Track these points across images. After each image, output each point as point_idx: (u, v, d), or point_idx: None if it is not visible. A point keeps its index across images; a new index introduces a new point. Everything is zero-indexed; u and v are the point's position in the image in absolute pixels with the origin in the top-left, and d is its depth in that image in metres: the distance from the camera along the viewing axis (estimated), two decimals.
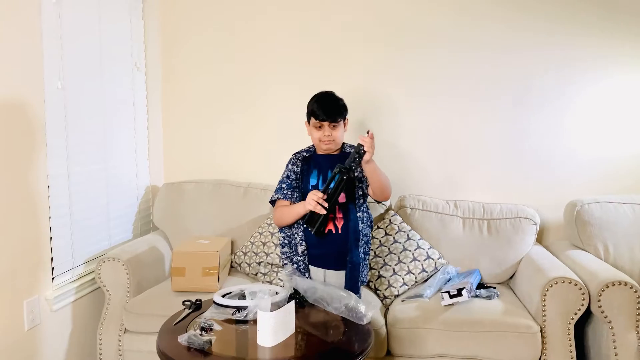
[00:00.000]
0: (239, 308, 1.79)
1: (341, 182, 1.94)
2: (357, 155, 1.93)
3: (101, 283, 2.37)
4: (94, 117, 2.50)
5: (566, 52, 2.70)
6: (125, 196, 2.79)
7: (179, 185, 2.90)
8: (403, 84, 2.84)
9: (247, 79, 2.97)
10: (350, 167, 1.94)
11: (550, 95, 2.73)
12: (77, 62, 2.35)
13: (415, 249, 2.54)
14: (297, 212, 2.06)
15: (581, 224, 2.50)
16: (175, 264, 2.37)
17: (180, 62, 3.02)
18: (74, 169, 2.35)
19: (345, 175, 1.93)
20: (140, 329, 2.28)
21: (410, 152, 2.86)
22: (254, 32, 2.94)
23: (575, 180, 2.74)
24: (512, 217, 2.61)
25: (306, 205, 1.99)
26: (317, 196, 1.94)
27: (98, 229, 2.55)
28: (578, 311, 2.10)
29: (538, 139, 2.77)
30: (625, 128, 2.70)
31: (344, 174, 1.93)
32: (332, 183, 1.96)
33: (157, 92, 3.03)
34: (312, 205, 1.95)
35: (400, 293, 2.46)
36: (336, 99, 2.11)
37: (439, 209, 2.68)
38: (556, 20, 2.69)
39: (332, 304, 1.82)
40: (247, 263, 2.65)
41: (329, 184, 1.96)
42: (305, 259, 2.08)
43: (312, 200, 1.95)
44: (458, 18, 2.76)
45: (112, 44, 2.61)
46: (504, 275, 2.57)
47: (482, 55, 2.76)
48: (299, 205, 2.05)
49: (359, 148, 1.93)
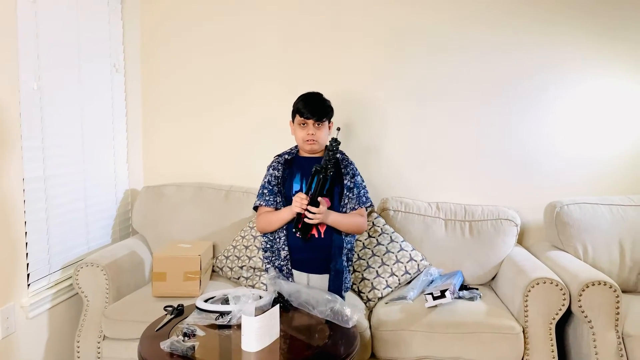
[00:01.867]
0: (222, 313, 1.76)
1: (319, 182, 1.93)
2: (331, 152, 1.93)
3: (79, 289, 2.31)
4: (71, 119, 2.45)
5: (547, 55, 2.74)
6: (104, 200, 2.73)
7: (159, 189, 2.85)
8: (386, 86, 2.84)
9: (229, 81, 2.94)
10: (326, 165, 1.93)
11: (531, 98, 2.77)
12: (54, 62, 2.29)
13: (398, 251, 2.54)
14: (283, 218, 2.04)
15: (561, 225, 2.53)
16: (156, 268, 2.32)
17: (160, 64, 2.98)
18: (50, 172, 2.29)
19: (322, 174, 1.93)
20: (119, 335, 2.23)
21: (392, 154, 2.86)
22: (237, 33, 2.91)
23: (556, 181, 2.78)
24: (494, 218, 2.63)
25: (293, 209, 1.97)
26: (302, 198, 1.94)
27: (76, 233, 2.49)
28: (559, 311, 2.12)
29: (519, 141, 2.80)
30: (605, 130, 2.75)
31: (320, 173, 1.93)
32: (312, 185, 1.95)
33: (136, 93, 2.97)
34: (298, 208, 1.94)
35: (383, 295, 2.46)
36: (323, 99, 2.11)
37: (422, 211, 2.69)
38: (538, 22, 2.73)
39: (317, 307, 1.80)
40: (229, 267, 2.61)
41: (310, 187, 1.96)
42: (288, 263, 2.06)
43: (298, 204, 1.94)
44: (442, 21, 2.78)
45: (90, 45, 2.55)
46: (486, 277, 2.59)
47: (464, 58, 2.79)
48: (285, 211, 2.03)
49: (332, 145, 1.93)
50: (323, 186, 1.95)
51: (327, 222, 1.99)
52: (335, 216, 2.01)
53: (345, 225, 2.05)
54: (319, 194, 1.94)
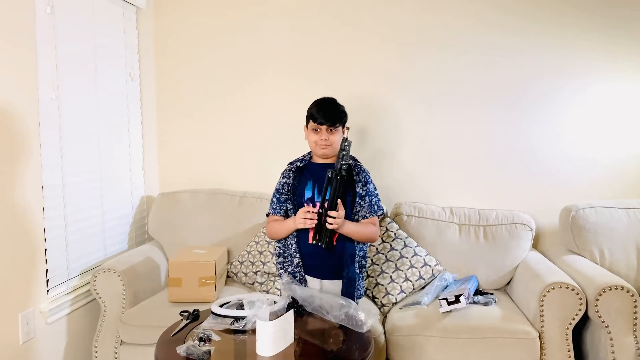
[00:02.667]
0: (237, 318, 1.77)
1: (335, 186, 1.92)
2: (344, 152, 1.92)
3: (97, 294, 2.35)
4: (88, 128, 2.49)
5: (560, 57, 2.73)
6: (120, 206, 2.77)
7: (174, 195, 2.88)
8: (399, 90, 2.85)
9: (243, 88, 2.97)
10: (340, 167, 1.92)
11: (545, 100, 2.76)
12: (71, 72, 2.34)
13: (412, 256, 2.54)
14: (287, 228, 2.05)
15: (576, 229, 2.51)
16: (171, 274, 2.35)
17: (175, 72, 3.02)
18: (68, 180, 2.33)
19: (338, 176, 1.92)
20: (136, 340, 2.26)
21: (405, 158, 2.87)
22: (250, 40, 2.94)
23: (570, 185, 2.76)
24: (508, 223, 2.62)
25: (297, 224, 1.97)
26: (305, 211, 1.93)
27: (93, 239, 2.53)
28: (576, 316, 2.11)
29: (533, 144, 2.79)
30: (619, 132, 2.73)
31: (335, 176, 1.92)
32: (328, 191, 1.94)
33: (151, 101, 3.02)
34: (302, 224, 1.94)
35: (397, 301, 2.45)
36: (337, 104, 2.11)
37: (435, 216, 2.69)
38: (551, 24, 2.72)
39: (331, 312, 1.80)
40: (244, 272, 2.63)
41: (325, 193, 1.94)
42: (301, 270, 2.07)
43: (301, 218, 1.93)
44: (456, 23, 2.78)
45: (106, 54, 2.60)
46: (501, 281, 2.58)
47: (478, 61, 2.79)
48: (289, 221, 2.04)
49: (343, 145, 1.93)
50: (339, 189, 1.93)
51: (342, 231, 1.98)
52: (349, 225, 2.00)
53: (359, 235, 2.05)
54: (337, 197, 1.93)
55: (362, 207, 2.09)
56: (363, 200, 2.09)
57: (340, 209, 1.92)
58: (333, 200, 1.91)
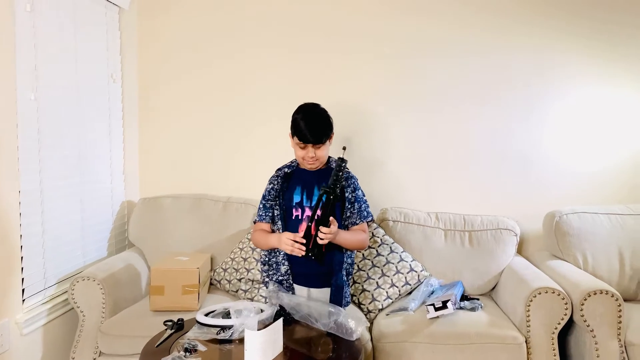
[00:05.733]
0: (224, 327, 1.73)
1: (328, 203, 1.87)
2: (340, 172, 1.89)
3: (75, 304, 2.27)
4: (68, 130, 2.42)
5: (546, 61, 2.75)
6: (100, 212, 2.69)
7: (156, 201, 2.82)
8: (385, 97, 2.84)
9: (227, 91, 2.93)
10: (335, 185, 1.88)
11: (530, 107, 2.78)
12: (51, 73, 2.27)
13: (398, 262, 2.53)
14: (270, 244, 2.02)
15: (560, 235, 2.53)
16: (153, 282, 2.29)
17: (158, 74, 2.96)
18: (47, 184, 2.26)
19: (332, 195, 1.87)
20: (116, 351, 2.19)
21: (391, 165, 2.86)
22: (236, 43, 2.90)
23: (554, 191, 2.78)
24: (493, 228, 2.63)
25: (281, 247, 1.92)
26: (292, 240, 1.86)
27: (72, 246, 2.46)
28: (561, 321, 2.12)
29: (517, 151, 2.81)
30: (604, 139, 2.76)
31: (329, 194, 1.87)
32: (320, 205, 1.88)
33: (133, 104, 2.95)
34: (288, 250, 1.88)
35: (384, 307, 2.43)
36: (322, 117, 2.02)
37: (421, 221, 2.68)
38: (540, 29, 2.74)
39: (320, 320, 1.78)
40: (228, 280, 2.58)
41: (317, 206, 1.89)
42: (289, 278, 2.04)
43: (288, 246, 1.87)
44: (440, 29, 2.79)
45: (88, 55, 2.54)
46: (486, 287, 2.58)
47: (462, 69, 2.79)
48: (273, 238, 1.99)
49: (340, 165, 1.89)
50: (332, 206, 1.89)
51: (335, 241, 1.95)
52: (343, 234, 1.97)
53: (351, 242, 2.03)
54: (329, 215, 1.88)
55: (351, 213, 2.08)
56: (352, 207, 2.07)
57: (332, 226, 1.87)
58: (325, 218, 1.87)
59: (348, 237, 2.01)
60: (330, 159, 2.13)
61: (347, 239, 2.01)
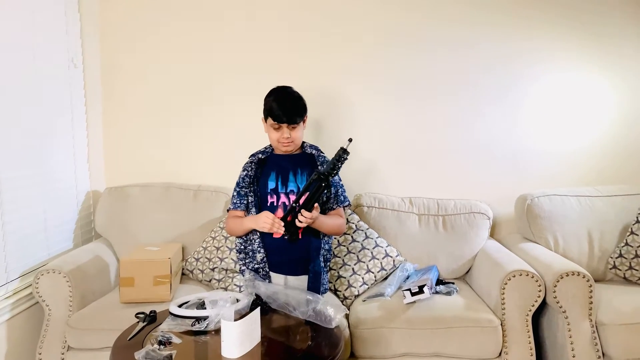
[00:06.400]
0: (199, 318, 1.67)
1: (319, 189, 1.82)
2: (339, 163, 1.83)
3: (39, 298, 2.17)
4: (26, 117, 2.29)
5: (514, 48, 2.77)
6: (64, 203, 2.58)
7: (123, 190, 2.72)
8: (358, 81, 2.80)
9: (195, 75, 2.83)
10: (329, 174, 1.83)
11: (501, 91, 2.79)
12: (5, 57, 2.14)
13: (373, 247, 2.51)
14: (246, 228, 1.98)
15: (532, 217, 2.56)
16: (123, 273, 2.21)
17: (122, 58, 2.84)
18: (4, 175, 2.14)
19: (324, 183, 1.82)
20: (85, 345, 2.12)
21: (364, 150, 2.82)
22: (204, 28, 2.80)
23: (526, 174, 2.81)
24: (466, 212, 2.64)
25: (258, 227, 1.89)
26: (270, 218, 1.84)
27: (35, 239, 2.35)
28: (535, 302, 2.14)
29: (489, 135, 2.82)
30: (573, 122, 2.80)
31: (322, 181, 1.82)
32: (309, 188, 1.84)
33: (96, 89, 2.82)
34: (267, 228, 1.85)
35: (360, 293, 2.42)
36: (296, 97, 2.01)
37: (395, 207, 2.67)
38: (505, 15, 2.74)
39: (298, 308, 1.74)
40: (200, 269, 2.52)
41: (306, 189, 1.85)
42: (266, 266, 1.99)
43: (267, 224, 1.84)
44: (409, 15, 2.77)
45: (45, 39, 2.40)
46: (461, 270, 2.60)
47: (433, 54, 2.78)
48: (250, 221, 1.95)
49: (341, 156, 1.83)
50: (321, 194, 1.85)
51: (313, 225, 1.91)
52: (321, 219, 1.94)
53: (329, 227, 2.00)
54: (315, 201, 1.85)
55: (328, 198, 2.04)
56: (329, 191, 2.04)
57: (314, 211, 1.84)
58: (311, 203, 1.83)
59: (326, 221, 1.98)
60: (304, 144, 2.09)
61: (325, 223, 1.98)
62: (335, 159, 1.83)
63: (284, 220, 1.86)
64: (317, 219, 1.90)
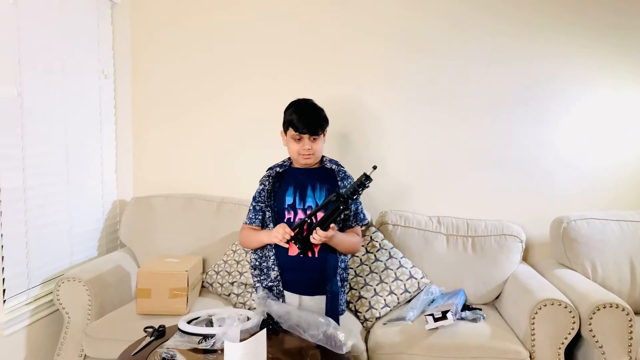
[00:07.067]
0: (206, 336, 1.63)
1: (336, 211, 1.76)
2: (360, 189, 1.76)
3: (60, 305, 2.20)
4: (55, 127, 2.34)
5: (553, 64, 2.63)
6: (90, 211, 2.61)
7: (148, 200, 2.73)
8: (385, 95, 2.73)
9: (223, 89, 2.83)
10: (349, 197, 1.76)
11: (538, 108, 2.65)
12: (36, 67, 2.19)
13: (397, 268, 2.42)
14: (260, 240, 1.94)
15: (568, 242, 2.41)
16: (140, 284, 2.20)
17: (152, 70, 2.87)
18: (31, 183, 2.17)
19: (343, 206, 1.75)
20: (101, 354, 2.11)
21: (391, 165, 2.74)
22: (232, 41, 2.80)
23: (562, 195, 2.66)
24: (498, 234, 2.51)
25: (272, 239, 1.85)
26: (285, 231, 1.79)
27: (58, 246, 2.37)
28: (568, 335, 2.00)
29: (524, 153, 2.68)
30: (613, 141, 2.64)
31: (341, 203, 1.75)
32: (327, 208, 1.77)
33: (126, 101, 2.86)
34: (278, 240, 1.81)
35: (381, 315, 2.32)
36: (317, 108, 1.97)
37: (422, 226, 2.57)
38: (549, 30, 2.62)
39: (308, 331, 1.67)
40: (220, 283, 2.49)
41: (323, 207, 1.79)
42: (279, 284, 1.93)
43: (280, 235, 1.80)
44: (449, 28, 2.67)
45: (77, 50, 2.45)
46: (490, 296, 2.46)
47: (468, 67, 2.68)
48: (263, 234, 1.92)
49: (363, 182, 1.75)
50: (338, 216, 1.79)
51: (330, 243, 1.85)
52: (338, 236, 1.87)
53: (346, 245, 1.93)
54: (332, 221, 1.78)
55: (347, 215, 1.97)
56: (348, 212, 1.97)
57: (330, 231, 1.78)
58: (327, 223, 1.77)
59: (343, 240, 1.92)
60: (324, 158, 2.03)
61: (343, 241, 1.91)
62: (357, 184, 1.76)
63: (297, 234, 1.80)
64: (335, 237, 1.83)
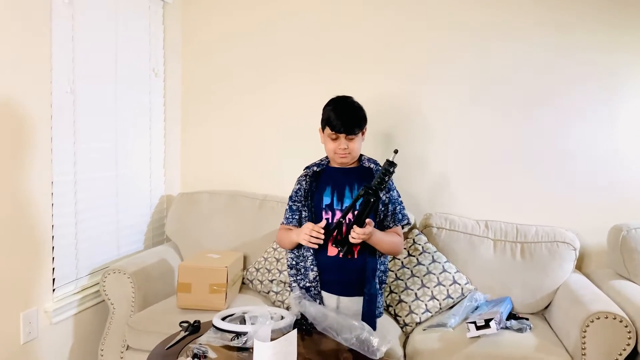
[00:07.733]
0: (239, 333, 1.63)
1: (367, 204, 1.73)
2: (386, 176, 1.73)
3: (105, 296, 2.27)
4: (106, 123, 2.42)
5: (611, 61, 2.46)
6: (138, 205, 2.69)
7: (193, 196, 2.79)
8: (431, 91, 2.64)
9: (269, 87, 2.85)
10: (377, 188, 1.73)
11: (597, 103, 2.49)
12: (89, 65, 2.27)
13: (440, 273, 2.34)
14: (292, 241, 1.91)
15: (627, 251, 2.24)
16: (181, 278, 2.24)
17: (202, 69, 2.93)
18: (81, 176, 2.26)
19: (373, 198, 1.72)
20: (142, 346, 2.15)
21: (437, 166, 2.65)
22: (279, 38, 2.81)
23: (621, 200, 2.48)
24: (549, 240, 2.37)
25: (300, 240, 1.82)
26: (310, 229, 1.77)
27: (106, 238, 2.46)
28: (623, 351, 1.86)
29: (580, 153, 2.52)
30: None
31: (370, 196, 1.72)
32: (357, 204, 1.75)
33: (176, 99, 2.93)
34: (305, 241, 1.78)
35: (422, 320, 2.26)
36: (355, 107, 1.92)
37: (468, 229, 2.47)
38: (602, 22, 2.46)
39: (341, 334, 1.63)
40: (259, 280, 2.50)
41: (354, 205, 1.77)
42: (317, 285, 1.90)
43: (306, 235, 1.77)
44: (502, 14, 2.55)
45: (128, 49, 2.53)
46: (538, 305, 2.33)
47: (519, 61, 2.55)
48: (294, 234, 1.89)
49: (388, 169, 1.73)
50: (371, 209, 1.76)
51: (370, 241, 1.81)
52: (378, 235, 1.83)
53: (386, 245, 1.88)
54: (367, 216, 1.76)
55: (385, 215, 1.92)
56: (386, 209, 1.92)
57: (368, 226, 1.74)
58: (362, 218, 1.74)
59: (384, 238, 1.86)
60: (362, 158, 1.98)
61: (383, 240, 1.86)
62: (382, 172, 1.72)
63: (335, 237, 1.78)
64: (374, 234, 1.79)
